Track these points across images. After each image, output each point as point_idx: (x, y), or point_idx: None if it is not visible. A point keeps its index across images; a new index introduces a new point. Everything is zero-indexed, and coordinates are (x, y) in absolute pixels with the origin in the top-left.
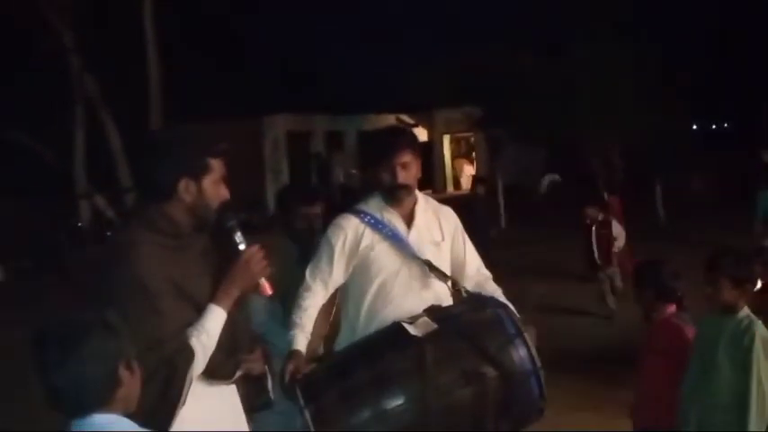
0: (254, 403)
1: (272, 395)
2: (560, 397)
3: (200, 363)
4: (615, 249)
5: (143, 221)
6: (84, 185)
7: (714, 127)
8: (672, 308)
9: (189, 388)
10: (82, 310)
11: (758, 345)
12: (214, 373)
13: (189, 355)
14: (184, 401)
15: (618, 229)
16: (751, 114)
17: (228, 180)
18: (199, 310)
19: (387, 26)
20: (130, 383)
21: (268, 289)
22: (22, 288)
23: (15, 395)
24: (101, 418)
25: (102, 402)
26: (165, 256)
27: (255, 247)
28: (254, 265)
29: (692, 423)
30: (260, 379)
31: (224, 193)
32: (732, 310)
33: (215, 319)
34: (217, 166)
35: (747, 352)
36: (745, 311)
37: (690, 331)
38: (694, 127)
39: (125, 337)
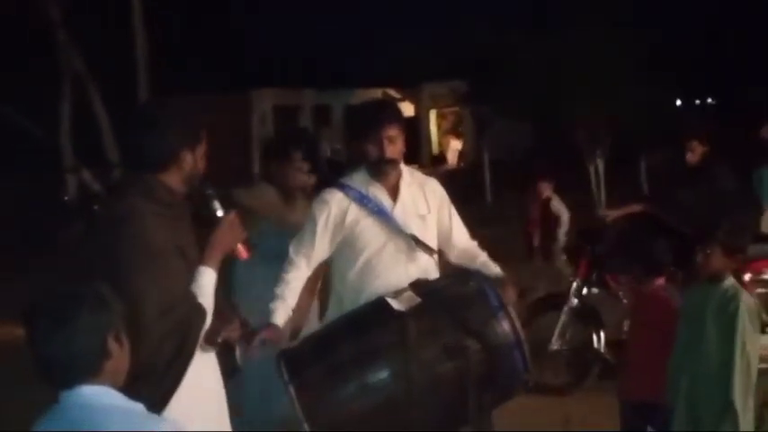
0: (223, 369)
1: (239, 362)
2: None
3: (207, 321)
4: (560, 229)
5: (140, 191)
6: (71, 160)
7: (698, 102)
8: (661, 280)
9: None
10: (71, 282)
11: (743, 313)
12: (206, 339)
13: (202, 314)
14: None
15: (562, 209)
16: (736, 90)
17: (216, 154)
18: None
19: (374, 1)
20: (119, 356)
21: (244, 252)
22: (8, 262)
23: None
24: (89, 390)
25: (91, 374)
26: (165, 223)
27: (233, 214)
28: (232, 229)
29: (681, 393)
30: (231, 346)
31: (204, 164)
32: (718, 278)
33: (209, 280)
34: (203, 137)
35: (732, 320)
36: (731, 280)
37: (677, 303)
38: (678, 102)
39: (115, 310)
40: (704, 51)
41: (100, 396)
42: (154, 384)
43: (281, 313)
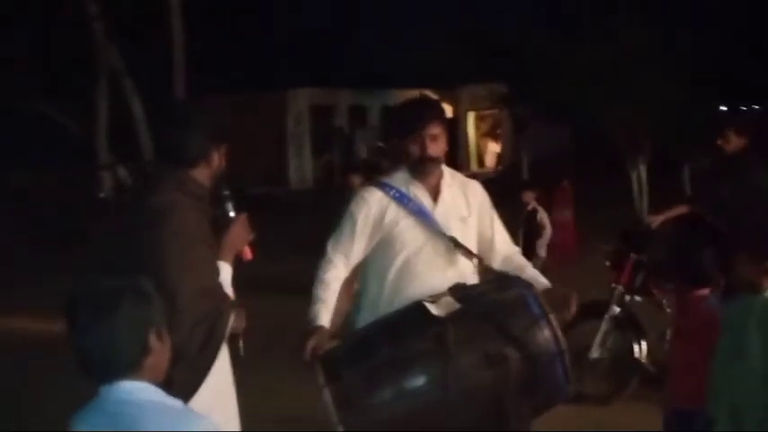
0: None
1: (242, 352)
2: None
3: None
4: (541, 239)
5: (175, 186)
6: (107, 156)
7: (744, 108)
8: (704, 290)
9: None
10: (111, 276)
11: None
12: None
13: (229, 303)
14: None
15: (545, 221)
16: None
17: (252, 154)
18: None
19: (413, 1)
20: (160, 352)
21: (249, 254)
22: (46, 259)
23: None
24: (129, 385)
25: (131, 369)
26: (197, 215)
27: (243, 217)
28: (242, 231)
29: (722, 407)
30: (235, 337)
31: (224, 162)
32: (757, 288)
33: (226, 275)
34: (229, 137)
35: None
36: None
37: (719, 313)
38: (723, 108)
39: (156, 305)
40: (749, 55)
41: (139, 392)
42: (186, 370)
43: (325, 315)
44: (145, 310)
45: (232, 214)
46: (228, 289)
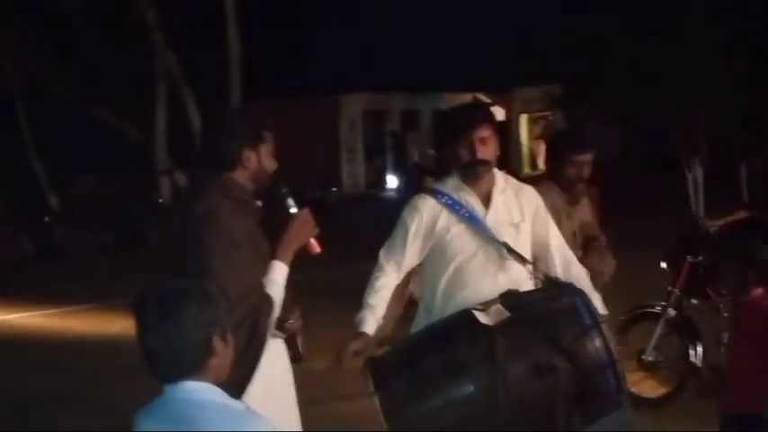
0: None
1: (301, 350)
2: None
3: (275, 310)
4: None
5: (216, 189)
6: (165, 162)
7: None
8: (760, 289)
9: (270, 331)
10: (179, 278)
11: None
12: (277, 325)
13: (271, 303)
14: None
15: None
16: None
17: (306, 158)
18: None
19: (465, 3)
20: (223, 354)
21: (317, 247)
22: (107, 262)
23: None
24: (193, 385)
25: (195, 370)
26: (240, 217)
27: (306, 211)
28: (305, 226)
29: None
30: (294, 335)
31: (274, 164)
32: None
33: (281, 273)
34: (269, 138)
35: None
36: None
37: None
38: None
39: (222, 308)
40: None
41: (202, 392)
42: (233, 365)
43: (371, 322)
44: (210, 312)
45: (293, 210)
46: (280, 289)
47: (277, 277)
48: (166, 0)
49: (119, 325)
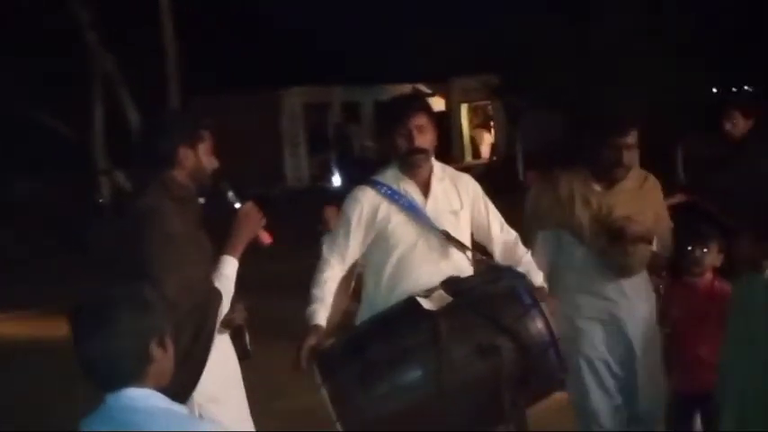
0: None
1: (249, 347)
2: None
3: (225, 304)
4: None
5: (156, 188)
6: (104, 162)
7: (735, 90)
8: (709, 273)
9: (217, 327)
10: (115, 284)
11: None
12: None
13: (219, 296)
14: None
15: None
16: None
17: (247, 153)
18: (210, 263)
19: None
20: (163, 359)
21: (267, 238)
22: (47, 266)
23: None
24: (134, 392)
25: (134, 377)
26: (180, 215)
27: (250, 204)
28: (251, 218)
29: (728, 392)
30: (240, 332)
31: (214, 162)
32: (758, 268)
33: (230, 267)
34: (207, 136)
35: None
36: None
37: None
38: (714, 90)
39: (159, 314)
40: (741, 36)
41: (145, 399)
42: (180, 364)
43: (322, 314)
44: (146, 319)
45: (237, 205)
46: (230, 283)
47: (227, 271)
48: None
49: (65, 329)
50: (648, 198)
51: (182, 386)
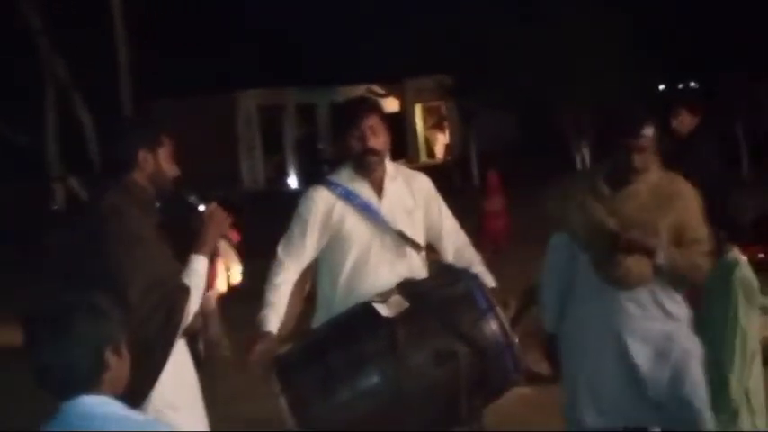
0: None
1: (202, 351)
2: None
3: (194, 300)
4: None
5: (117, 190)
6: (58, 168)
7: (681, 86)
8: None
9: (185, 322)
10: (69, 291)
11: (737, 286)
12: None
13: (185, 291)
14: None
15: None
16: (717, 74)
17: (202, 155)
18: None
19: None
20: (118, 367)
21: (235, 236)
22: (4, 274)
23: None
24: (90, 400)
25: (89, 385)
26: (141, 217)
27: (214, 205)
28: (217, 218)
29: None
30: (195, 336)
31: (175, 168)
32: (719, 253)
33: (201, 264)
34: (167, 141)
35: (728, 292)
36: (733, 254)
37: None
38: (661, 87)
39: (114, 321)
40: (686, 34)
41: (101, 406)
42: (144, 359)
43: (274, 320)
44: (101, 326)
45: (201, 207)
46: (201, 280)
47: (198, 267)
48: (52, 3)
49: (19, 336)
50: (669, 205)
51: (141, 382)
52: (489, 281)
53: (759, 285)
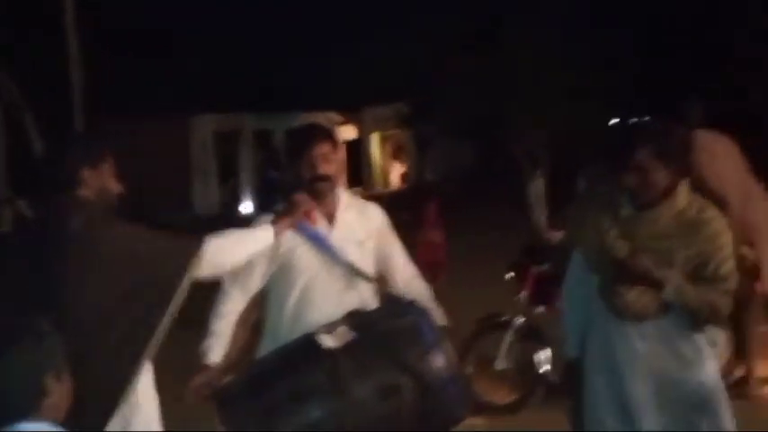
0: None
1: None
2: None
3: (219, 255)
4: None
5: (68, 211)
6: (5, 190)
7: (635, 120)
8: None
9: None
10: (10, 318)
11: None
12: None
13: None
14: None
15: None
16: (673, 107)
17: (156, 179)
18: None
19: (314, 23)
20: (59, 393)
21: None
22: None
23: None
24: (29, 427)
25: (29, 412)
26: (96, 233)
27: (303, 194)
28: (300, 203)
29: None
30: None
31: (119, 185)
32: None
33: (266, 232)
34: (110, 159)
35: None
36: None
37: None
38: (615, 120)
39: (54, 346)
40: (640, 68)
41: None
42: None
43: (218, 351)
44: (40, 353)
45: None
46: (252, 240)
47: (259, 232)
48: (2, 21)
49: None
50: (691, 234)
51: (119, 376)
52: (438, 315)
53: None
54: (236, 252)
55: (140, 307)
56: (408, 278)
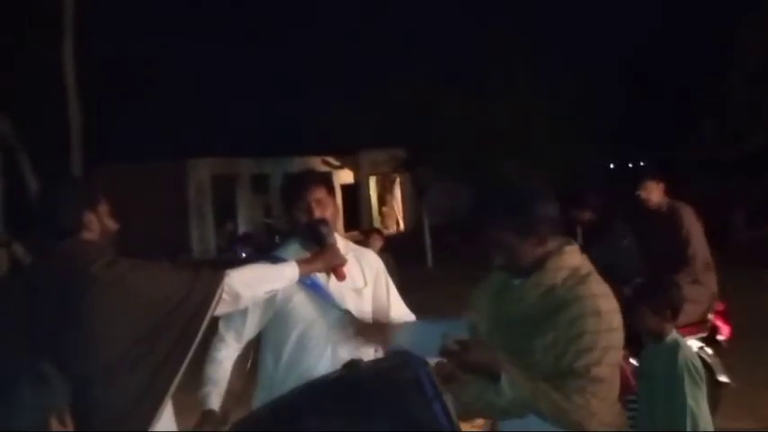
0: None
1: None
2: None
3: (249, 293)
4: None
5: (76, 255)
6: (2, 233)
7: (630, 165)
8: None
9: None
10: (15, 360)
11: (682, 368)
12: None
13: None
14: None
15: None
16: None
17: (153, 223)
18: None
19: (312, 67)
20: None
21: (342, 274)
22: None
23: None
24: None
25: None
26: (109, 274)
27: (335, 240)
28: (332, 252)
29: None
30: None
31: (114, 223)
32: (661, 336)
33: (292, 270)
34: (103, 199)
35: (673, 376)
36: (673, 335)
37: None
38: (612, 166)
39: (58, 390)
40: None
41: None
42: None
43: (215, 398)
44: (44, 395)
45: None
46: (278, 278)
47: (287, 270)
48: (2, 64)
49: None
50: (553, 317)
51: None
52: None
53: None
54: (260, 288)
55: (162, 350)
56: (403, 318)
